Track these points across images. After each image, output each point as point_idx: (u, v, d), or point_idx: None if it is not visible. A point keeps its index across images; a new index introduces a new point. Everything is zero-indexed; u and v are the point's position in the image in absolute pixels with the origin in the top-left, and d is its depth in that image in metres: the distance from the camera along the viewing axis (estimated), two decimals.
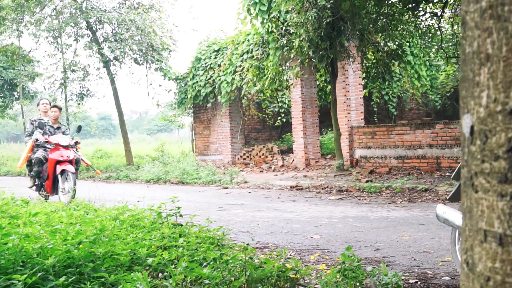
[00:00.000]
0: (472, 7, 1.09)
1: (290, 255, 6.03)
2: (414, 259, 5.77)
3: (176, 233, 5.32)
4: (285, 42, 14.18)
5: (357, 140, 16.91)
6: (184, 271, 3.85)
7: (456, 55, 18.71)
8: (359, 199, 11.48)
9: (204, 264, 4.37)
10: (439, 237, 6.96)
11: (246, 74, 18.70)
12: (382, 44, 16.21)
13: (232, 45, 19.51)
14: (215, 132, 23.15)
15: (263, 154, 21.04)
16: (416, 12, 14.98)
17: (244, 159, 21.64)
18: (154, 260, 4.39)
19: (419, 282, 4.79)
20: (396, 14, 14.57)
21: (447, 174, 14.02)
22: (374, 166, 16.18)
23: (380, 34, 15.47)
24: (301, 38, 13.79)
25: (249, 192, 14.01)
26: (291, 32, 14.42)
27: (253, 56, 18.42)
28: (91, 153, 33.48)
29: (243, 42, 19.37)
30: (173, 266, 4.46)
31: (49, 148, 12.23)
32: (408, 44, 18.49)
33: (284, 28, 14.61)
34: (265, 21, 15.45)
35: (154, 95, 24.10)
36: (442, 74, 23.62)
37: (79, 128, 12.42)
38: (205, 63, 21.96)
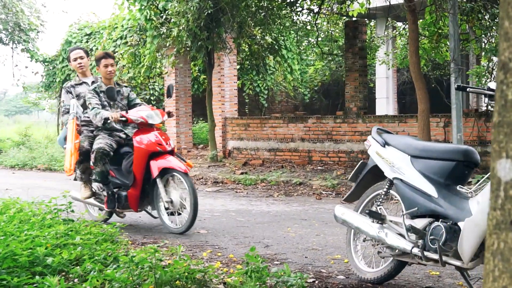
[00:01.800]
0: None
1: (182, 251, 5.96)
2: (305, 257, 5.90)
3: (73, 231, 5.13)
4: (164, 30, 13.99)
5: (230, 131, 17.02)
6: (98, 276, 3.73)
7: (331, 52, 19.24)
8: (236, 192, 11.57)
9: (111, 265, 4.25)
10: (323, 234, 7.14)
11: (119, 60, 18.30)
12: (258, 37, 16.38)
13: (108, 30, 19.01)
14: None
15: None
16: (293, 8, 15.24)
17: None
18: (54, 260, 4.22)
19: (316, 281, 4.90)
20: (274, 9, 14.76)
21: (319, 168, 14.41)
22: (247, 157, 16.35)
23: (258, 28, 15.62)
24: (180, 28, 13.67)
25: None
26: (170, 20, 14.25)
27: (127, 42, 18.06)
28: None
29: (117, 27, 18.94)
30: (74, 266, 4.31)
31: (117, 133, 7.54)
32: (283, 38, 18.79)
33: (164, 16, 14.41)
34: (143, 7, 15.18)
35: (19, 77, 23.12)
36: (311, 68, 24.22)
37: (169, 90, 7.66)
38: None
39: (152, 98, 22.43)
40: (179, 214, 7.22)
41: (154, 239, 6.88)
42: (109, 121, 7.18)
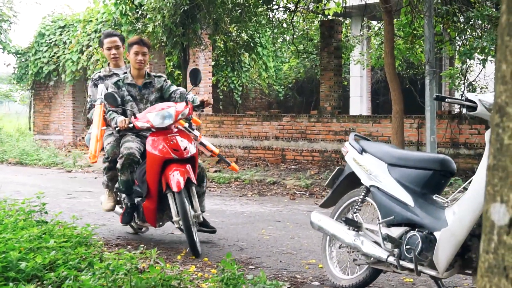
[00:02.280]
0: None
1: (156, 254, 5.91)
2: (280, 261, 5.89)
3: (46, 234, 5.07)
4: (140, 26, 13.89)
5: (204, 128, 16.96)
6: (73, 284, 3.68)
7: (306, 51, 19.25)
8: (210, 190, 11.53)
9: (85, 270, 4.20)
10: (298, 236, 7.15)
11: (93, 54, 18.14)
12: (234, 34, 16.34)
13: (82, 23, 18.81)
14: (56, 111, 22.30)
15: None
16: (270, 6, 15.22)
17: None
18: (28, 265, 4.16)
19: None
20: (251, 6, 14.73)
21: (292, 166, 14.42)
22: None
23: (234, 25, 15.58)
24: (156, 24, 13.58)
25: (95, 178, 13.64)
26: (146, 16, 14.15)
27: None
28: None
29: (91, 21, 18.75)
30: (48, 271, 4.26)
31: (144, 132, 6.45)
32: (258, 35, 18.76)
33: (140, 12, 14.30)
34: (118, 2, 15.04)
35: None
36: (285, 66, 24.22)
37: (195, 75, 6.36)
38: (49, 39, 21.05)
39: None
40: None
41: (127, 240, 6.83)
42: (117, 128, 6.29)
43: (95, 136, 6.53)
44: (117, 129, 6.30)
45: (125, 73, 6.69)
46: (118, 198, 6.84)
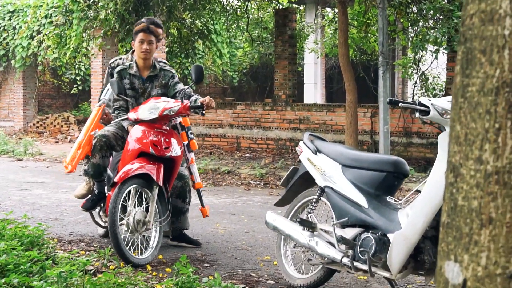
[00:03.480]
0: (474, 166, 1.12)
1: (109, 253, 5.83)
2: (235, 258, 5.90)
3: None
4: (92, 14, 13.67)
5: None
6: None
7: (261, 40, 19.20)
8: None
9: (38, 275, 4.14)
10: (252, 231, 7.17)
11: (44, 40, 17.80)
12: (188, 21, 16.21)
13: (32, 9, 18.43)
14: (6, 97, 21.88)
15: (58, 123, 20.25)
16: None
17: (37, 127, 20.69)
18: None
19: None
20: None
21: (247, 155, 14.45)
22: None
23: (187, 12, 15.46)
24: (108, 11, 13.39)
25: (47, 167, 13.44)
26: (98, 3, 13.93)
27: (52, 22, 17.57)
28: None
29: (42, 5, 18.38)
30: None
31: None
32: (212, 22, 18.65)
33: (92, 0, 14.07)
34: None
35: None
36: (240, 51, 24.16)
37: (197, 72, 5.93)
38: None
39: (77, 78, 21.97)
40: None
41: (81, 236, 6.75)
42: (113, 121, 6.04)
43: (78, 143, 6.22)
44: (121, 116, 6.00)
45: (130, 63, 6.17)
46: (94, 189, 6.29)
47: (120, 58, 6.61)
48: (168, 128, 5.85)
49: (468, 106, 1.14)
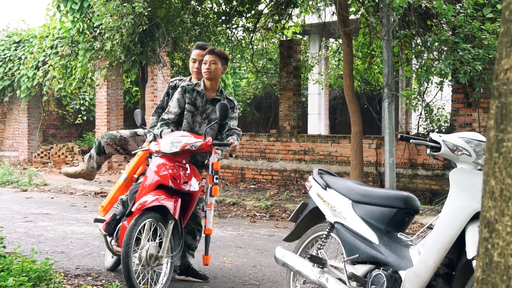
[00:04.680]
0: (510, 222, 1.11)
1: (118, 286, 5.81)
2: None
3: (5, 272, 4.94)
4: (98, 45, 13.75)
5: None
6: None
7: (266, 71, 19.28)
8: None
9: None
10: (260, 265, 7.12)
11: (49, 71, 17.90)
12: None
13: (39, 41, 18.57)
14: (11, 127, 21.94)
15: (62, 153, 20.28)
16: (229, 25, 15.23)
17: (42, 157, 20.71)
18: None
19: None
20: (210, 25, 14.72)
21: (252, 186, 14.42)
22: None
23: (192, 43, 15.52)
24: (114, 42, 13.46)
25: (52, 198, 13.42)
26: (104, 34, 14.02)
27: (57, 52, 17.68)
28: None
29: (48, 36, 18.52)
30: None
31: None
32: None
33: (98, 31, 14.17)
34: (76, 19, 14.90)
35: None
36: (243, 81, 24.25)
37: (221, 110, 5.81)
38: (4, 54, 20.73)
39: (82, 108, 22.04)
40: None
41: (87, 270, 6.71)
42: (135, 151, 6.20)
43: (117, 185, 6.30)
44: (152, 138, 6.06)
45: (198, 82, 6.21)
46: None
47: (181, 79, 6.66)
48: (189, 165, 5.79)
49: (503, 161, 1.13)
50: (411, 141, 4.19)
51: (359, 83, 16.65)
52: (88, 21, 14.82)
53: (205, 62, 6.08)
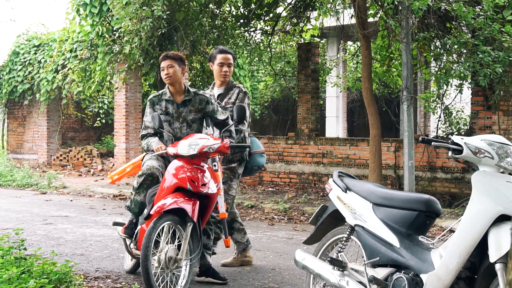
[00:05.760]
0: None
1: None
2: None
3: (26, 274, 4.97)
4: (117, 49, 13.81)
5: None
6: None
7: (284, 73, 19.28)
8: None
9: None
10: (279, 268, 7.11)
11: (68, 74, 18.01)
12: None
13: (59, 44, 18.70)
14: (30, 130, 22.11)
15: (81, 156, 20.39)
16: (247, 28, 15.24)
17: (61, 160, 20.84)
18: None
19: None
20: (228, 28, 14.73)
21: (270, 189, 14.41)
22: None
23: (211, 46, 15.55)
24: (133, 46, 13.51)
25: (71, 200, 13.49)
26: (123, 38, 14.07)
27: (77, 56, 17.79)
28: None
29: (67, 39, 18.65)
30: None
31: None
32: (235, 56, 18.77)
33: (117, 34, 14.23)
34: (95, 23, 14.99)
35: None
36: (261, 84, 24.26)
37: (239, 112, 6.04)
38: (24, 58, 20.90)
39: (101, 111, 22.16)
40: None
41: (106, 272, 6.73)
42: (152, 155, 6.06)
43: (132, 162, 6.80)
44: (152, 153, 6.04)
45: (163, 90, 6.28)
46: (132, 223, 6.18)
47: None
48: (208, 167, 5.81)
49: None
50: (432, 143, 4.16)
51: (377, 86, 16.58)
52: (107, 24, 14.88)
53: (163, 69, 6.22)
